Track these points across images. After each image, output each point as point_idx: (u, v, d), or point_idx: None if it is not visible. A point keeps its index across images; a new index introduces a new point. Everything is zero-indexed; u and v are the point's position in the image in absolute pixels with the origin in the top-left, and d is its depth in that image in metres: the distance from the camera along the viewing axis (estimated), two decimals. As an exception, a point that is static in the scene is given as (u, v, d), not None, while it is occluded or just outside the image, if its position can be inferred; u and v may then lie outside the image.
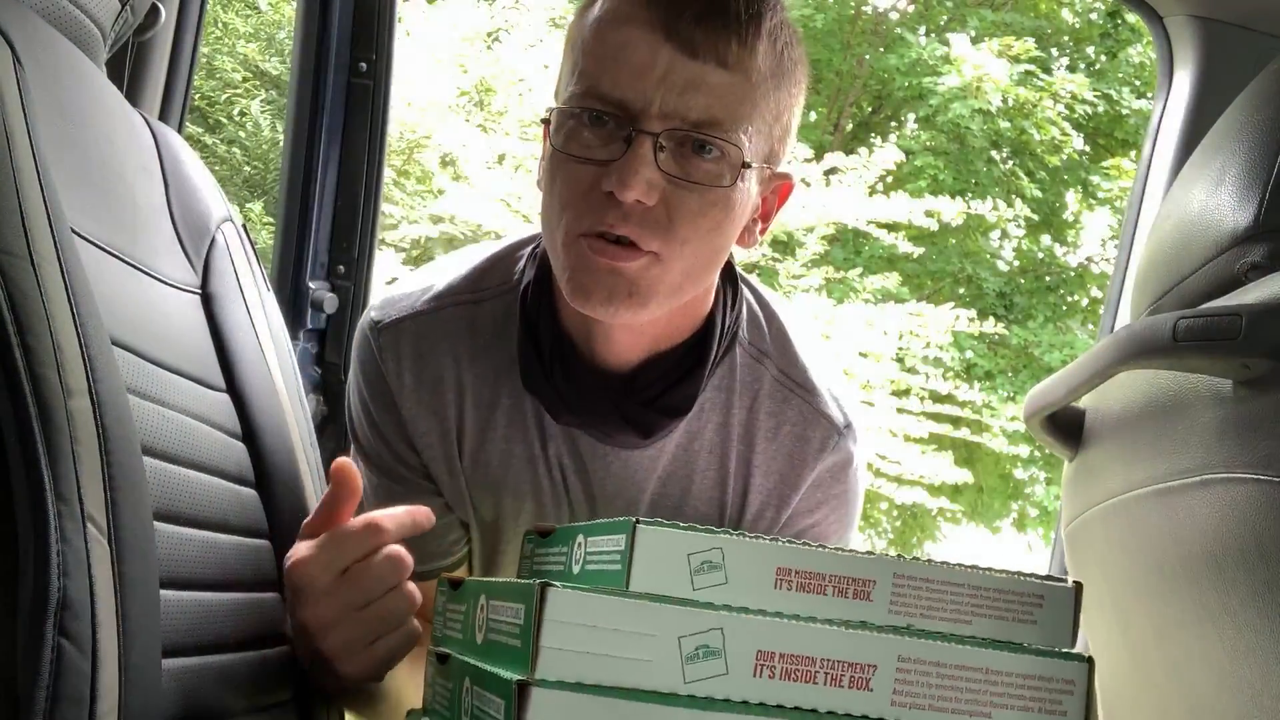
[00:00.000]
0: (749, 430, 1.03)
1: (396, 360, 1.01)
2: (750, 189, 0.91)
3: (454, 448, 1.02)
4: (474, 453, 1.02)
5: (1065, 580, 0.69)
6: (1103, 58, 10.14)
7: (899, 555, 0.68)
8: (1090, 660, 0.67)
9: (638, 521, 0.65)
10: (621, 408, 0.98)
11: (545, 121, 0.93)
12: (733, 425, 1.02)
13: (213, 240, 0.99)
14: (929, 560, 0.68)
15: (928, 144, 9.59)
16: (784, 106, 0.92)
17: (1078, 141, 10.08)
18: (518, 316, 1.00)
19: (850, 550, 0.67)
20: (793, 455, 1.03)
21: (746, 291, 1.06)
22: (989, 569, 0.69)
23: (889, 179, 5.59)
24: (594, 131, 0.88)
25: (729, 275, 1.03)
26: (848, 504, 1.07)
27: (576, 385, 0.98)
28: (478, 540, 1.08)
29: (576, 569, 0.72)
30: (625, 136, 0.86)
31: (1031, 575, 0.70)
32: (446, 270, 1.05)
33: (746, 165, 0.88)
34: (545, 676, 0.61)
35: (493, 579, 0.74)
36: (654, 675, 0.62)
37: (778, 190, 0.97)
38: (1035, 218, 9.75)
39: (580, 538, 0.72)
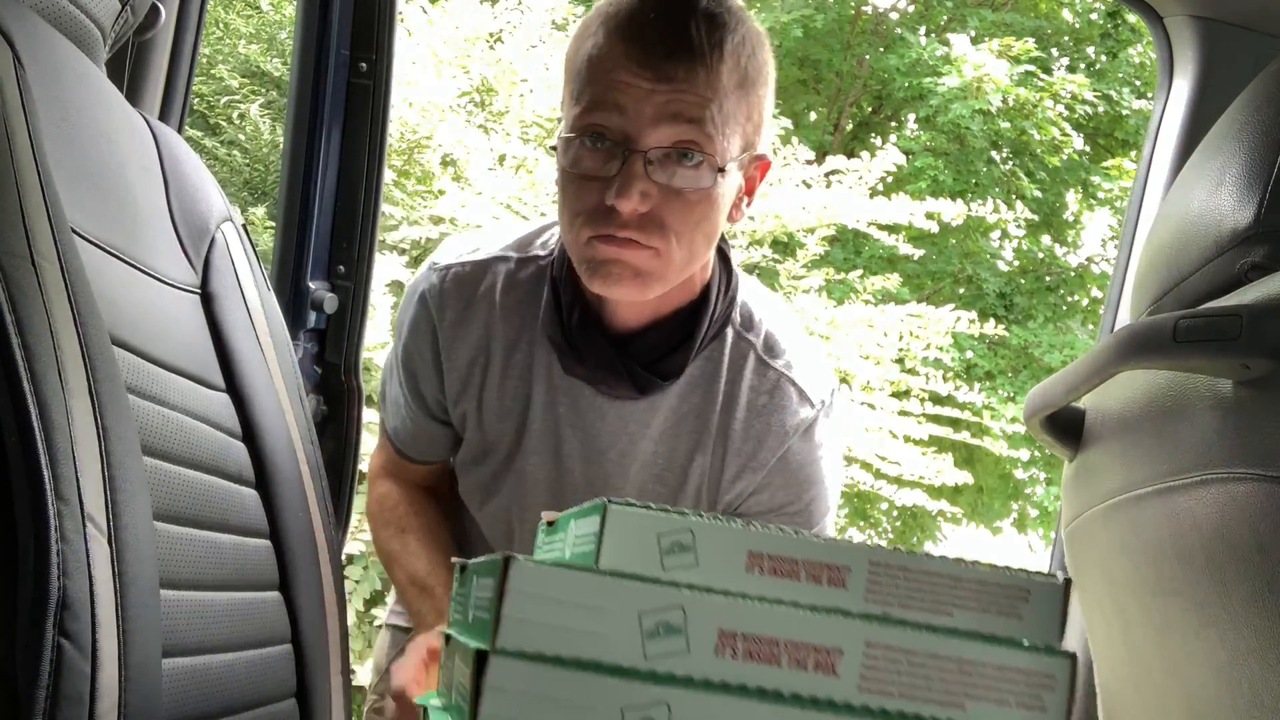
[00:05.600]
0: (730, 400, 1.18)
1: (441, 296, 1.20)
2: (732, 180, 1.08)
3: (475, 379, 1.20)
4: (495, 386, 1.20)
5: (1055, 576, 0.67)
6: (1103, 58, 10.14)
7: (877, 544, 0.67)
8: (1073, 656, 0.64)
9: (609, 502, 0.66)
10: (625, 365, 1.15)
11: (553, 148, 1.10)
12: (717, 395, 1.18)
13: (213, 240, 0.99)
14: (909, 550, 0.67)
15: (928, 144, 9.58)
16: (754, 106, 1.08)
17: (1078, 142, 10.06)
18: (548, 281, 1.18)
19: (826, 537, 0.67)
20: (771, 423, 1.18)
21: (742, 285, 1.22)
22: (973, 562, 0.68)
23: (889, 179, 5.58)
24: (595, 153, 1.05)
25: (725, 261, 1.20)
26: (812, 464, 1.20)
27: (589, 342, 1.15)
28: (469, 461, 1.25)
29: (567, 554, 0.72)
30: (621, 156, 1.03)
31: (1020, 570, 0.67)
32: (496, 235, 1.24)
33: (722, 170, 1.05)
34: (506, 646, 0.61)
35: (483, 559, 0.75)
36: (613, 649, 0.62)
37: (758, 168, 1.14)
38: (1035, 218, 9.74)
39: (571, 523, 0.73)
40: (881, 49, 10.37)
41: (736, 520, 0.68)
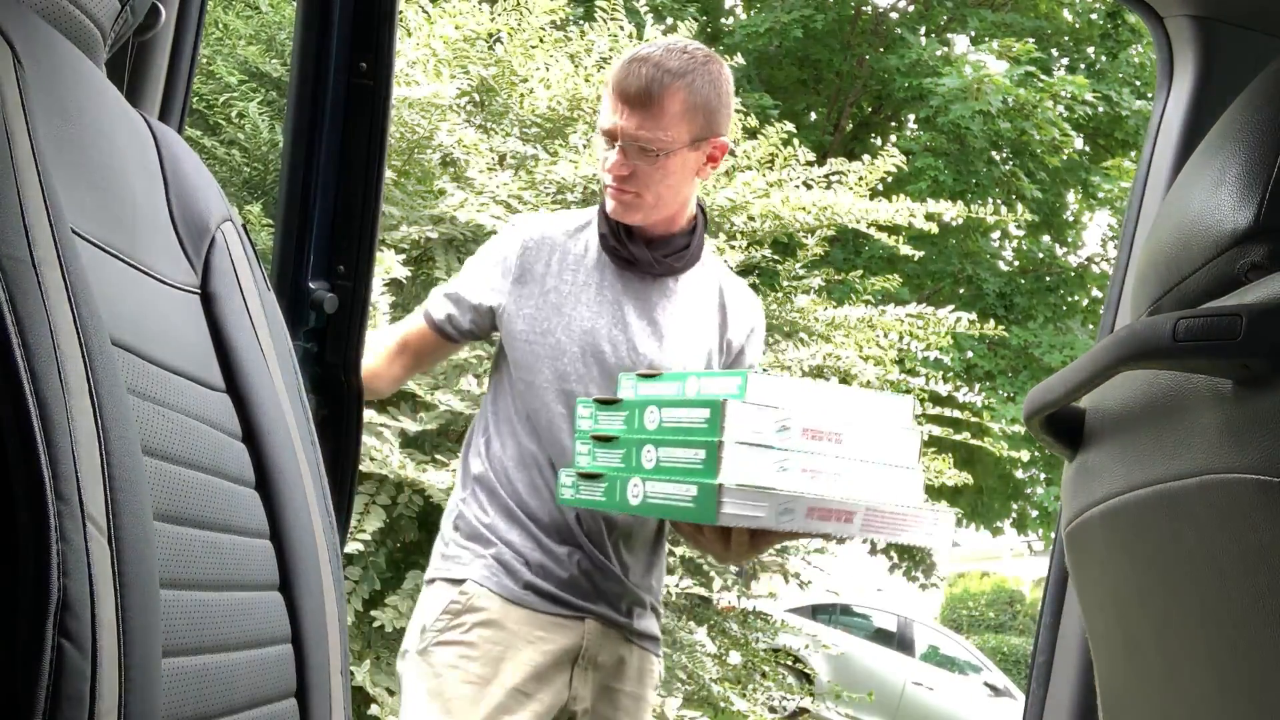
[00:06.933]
0: (721, 290, 2.01)
1: (519, 227, 1.99)
2: (684, 157, 1.87)
3: (541, 267, 1.95)
4: (560, 273, 1.95)
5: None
6: (1103, 58, 10.13)
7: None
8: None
9: (748, 371, 1.73)
10: (651, 254, 1.93)
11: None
12: (714, 288, 2.01)
13: (213, 240, 0.99)
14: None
15: (928, 145, 9.55)
16: (697, 117, 1.85)
17: (1078, 142, 10.04)
18: (599, 214, 1.96)
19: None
20: (743, 304, 2.04)
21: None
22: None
23: (889, 180, 5.58)
24: (608, 140, 1.90)
25: (704, 215, 2.02)
26: (762, 329, 2.09)
27: (630, 239, 1.94)
28: (519, 340, 1.92)
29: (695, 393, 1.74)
30: (615, 145, 1.88)
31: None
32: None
33: (661, 153, 1.85)
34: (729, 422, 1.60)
35: (662, 396, 1.73)
36: (765, 437, 1.60)
37: (715, 147, 1.90)
38: (1035, 218, 9.72)
39: (691, 378, 1.77)
40: (881, 49, 10.35)
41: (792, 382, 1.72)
